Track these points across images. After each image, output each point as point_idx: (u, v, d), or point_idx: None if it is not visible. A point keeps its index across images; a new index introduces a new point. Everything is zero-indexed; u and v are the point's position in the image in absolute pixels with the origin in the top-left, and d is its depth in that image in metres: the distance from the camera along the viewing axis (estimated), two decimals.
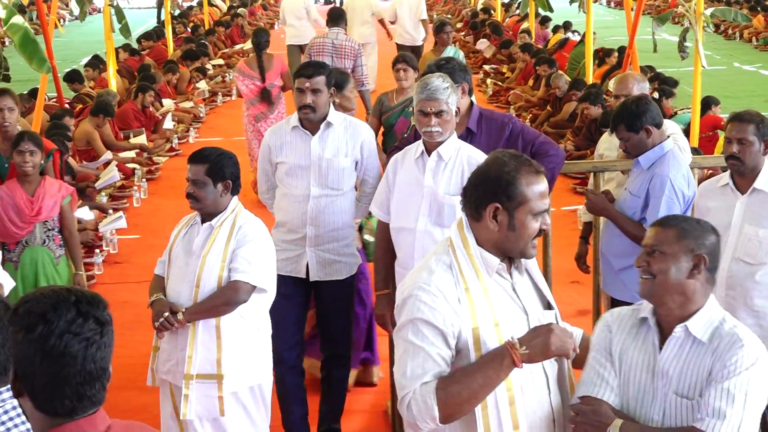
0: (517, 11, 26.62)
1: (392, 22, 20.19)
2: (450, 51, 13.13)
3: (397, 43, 19.90)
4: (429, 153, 5.89)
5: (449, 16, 32.51)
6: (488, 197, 3.85)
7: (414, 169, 5.94)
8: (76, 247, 7.81)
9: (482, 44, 23.70)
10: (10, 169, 7.90)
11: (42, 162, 7.57)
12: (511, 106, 17.69)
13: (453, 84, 5.88)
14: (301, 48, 18.22)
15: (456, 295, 3.83)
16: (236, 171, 5.75)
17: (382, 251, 6.28)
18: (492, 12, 27.74)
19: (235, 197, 5.79)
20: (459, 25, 29.26)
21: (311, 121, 6.61)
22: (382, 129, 9.80)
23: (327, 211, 6.61)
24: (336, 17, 13.53)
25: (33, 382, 2.84)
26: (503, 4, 29.79)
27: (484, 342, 3.81)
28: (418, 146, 5.95)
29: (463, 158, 5.84)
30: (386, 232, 6.20)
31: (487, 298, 3.86)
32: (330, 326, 6.91)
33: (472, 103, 6.56)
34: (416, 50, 19.20)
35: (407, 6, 19.85)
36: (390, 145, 8.45)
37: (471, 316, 3.81)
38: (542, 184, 3.88)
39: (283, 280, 6.66)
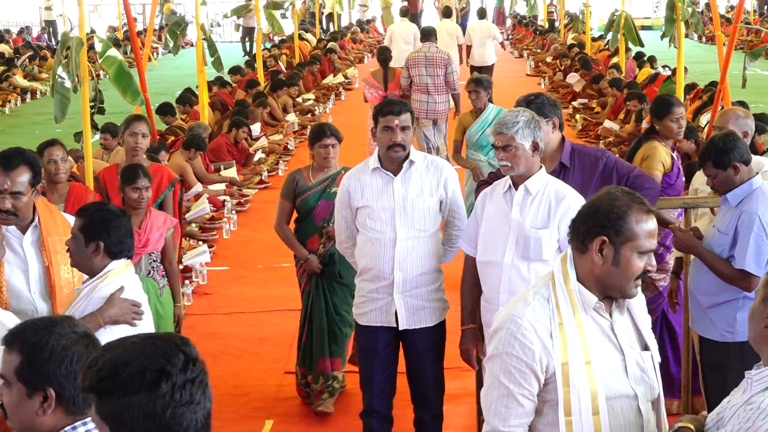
0: (607, 46, 26.48)
1: (469, 46, 22.96)
2: (492, 111, 11.22)
3: (470, 65, 22.89)
4: (516, 187, 5.86)
5: (539, 50, 32.46)
6: (596, 230, 3.87)
7: (502, 202, 5.91)
8: (177, 279, 7.77)
9: (573, 78, 23.65)
10: None
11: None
12: (601, 141, 17.58)
13: (533, 119, 5.82)
14: None
15: (549, 329, 3.86)
16: (119, 234, 5.13)
17: (469, 286, 6.20)
18: (582, 46, 27.65)
19: (120, 261, 5.15)
20: (549, 59, 29.20)
21: (398, 160, 6.51)
22: (296, 215, 8.11)
23: (415, 254, 6.45)
24: (427, 34, 15.68)
25: None
26: (594, 39, 29.67)
27: (573, 378, 3.83)
28: (507, 180, 5.91)
29: (550, 193, 5.80)
30: (473, 267, 6.14)
31: (581, 334, 3.87)
32: (421, 377, 6.73)
33: (563, 137, 6.53)
34: (487, 70, 22.36)
35: (479, 30, 23.20)
36: (306, 236, 7.91)
37: (562, 351, 3.83)
38: (652, 224, 3.87)
39: (370, 333, 6.66)
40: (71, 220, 5.93)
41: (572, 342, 3.84)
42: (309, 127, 20.26)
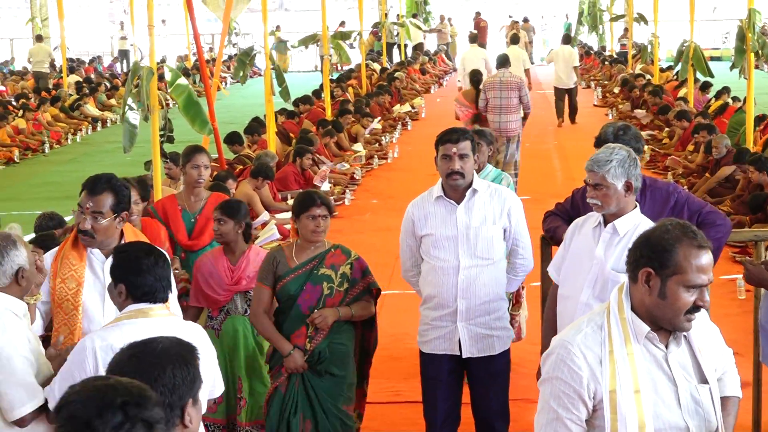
0: (676, 76, 26.26)
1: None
2: (491, 174, 8.54)
3: (555, 87, 25.40)
4: (606, 224, 5.73)
5: (607, 81, 32.29)
6: (643, 261, 3.89)
7: (590, 237, 5.80)
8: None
9: (640, 113, 23.55)
10: (196, 224, 8.09)
11: (237, 230, 7.32)
12: (669, 173, 17.44)
13: (628, 158, 5.67)
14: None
15: (599, 356, 3.88)
16: (148, 276, 4.94)
17: (552, 314, 6.10)
18: (650, 77, 27.46)
19: (145, 305, 4.96)
20: (616, 90, 29.03)
21: (459, 188, 6.51)
22: (276, 304, 6.83)
23: (478, 282, 6.46)
24: (502, 61, 17.35)
25: None
26: (662, 69, 29.46)
27: (621, 406, 3.84)
28: (599, 215, 5.79)
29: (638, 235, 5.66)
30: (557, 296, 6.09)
31: (631, 363, 3.88)
32: (486, 407, 6.72)
33: None
34: (570, 92, 25.27)
35: (562, 56, 25.39)
36: (291, 330, 6.62)
37: (610, 379, 3.86)
38: (703, 258, 3.84)
39: (434, 361, 6.64)
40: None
41: (621, 370, 3.86)
42: (375, 156, 20.28)
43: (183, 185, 8.64)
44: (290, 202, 15.09)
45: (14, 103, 28.35)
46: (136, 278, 4.95)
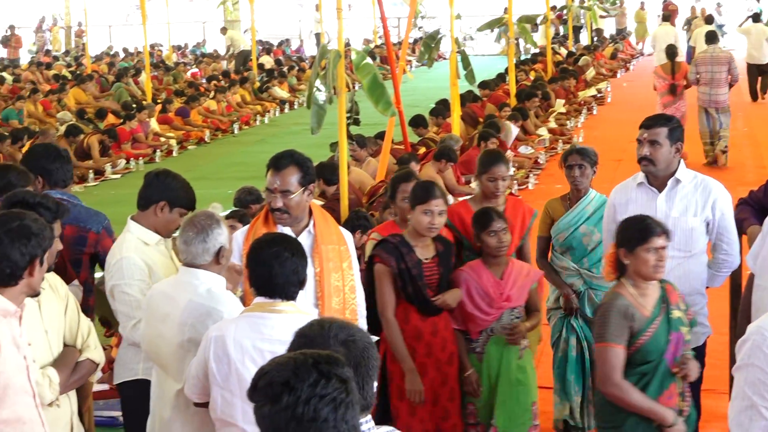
0: None
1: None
2: (594, 201, 7.63)
3: (747, 63, 26.01)
4: None
5: None
6: None
7: None
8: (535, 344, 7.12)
9: None
10: None
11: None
12: None
13: None
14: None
15: None
16: (277, 270, 4.88)
17: (748, 302, 5.96)
18: None
19: (267, 300, 4.93)
20: None
21: (652, 175, 6.36)
22: None
23: (672, 274, 6.13)
24: (711, 37, 18.77)
25: None
26: None
27: None
28: None
29: None
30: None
31: None
32: None
33: None
34: (762, 68, 26.05)
35: (755, 32, 26.46)
36: (658, 392, 5.52)
37: None
38: None
39: None
40: (347, 235, 6.06)
41: None
42: (561, 141, 20.10)
43: (478, 191, 7.81)
44: (473, 185, 15.10)
45: (206, 85, 29.07)
46: (254, 268, 4.95)
